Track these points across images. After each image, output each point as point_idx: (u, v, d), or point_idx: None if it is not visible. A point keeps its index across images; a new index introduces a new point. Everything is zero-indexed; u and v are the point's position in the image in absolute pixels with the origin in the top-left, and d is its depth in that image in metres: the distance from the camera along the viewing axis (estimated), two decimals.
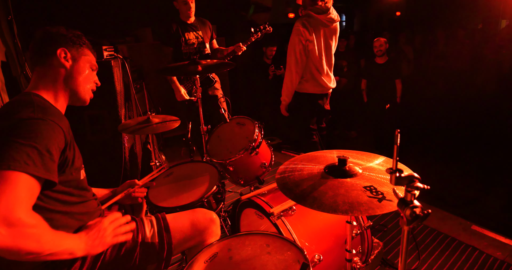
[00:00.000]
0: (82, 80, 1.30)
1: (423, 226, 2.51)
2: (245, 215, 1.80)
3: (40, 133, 1.01)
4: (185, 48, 3.16)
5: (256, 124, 2.19)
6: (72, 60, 1.27)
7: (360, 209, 0.99)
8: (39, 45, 1.25)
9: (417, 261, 2.15)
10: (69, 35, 1.28)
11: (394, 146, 0.87)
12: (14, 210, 0.88)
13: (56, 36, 1.26)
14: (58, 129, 1.07)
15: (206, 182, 1.96)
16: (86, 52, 1.32)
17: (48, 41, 1.25)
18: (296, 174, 1.22)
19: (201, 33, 3.25)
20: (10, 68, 3.03)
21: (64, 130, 1.10)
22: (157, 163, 2.64)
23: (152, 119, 2.24)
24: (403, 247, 0.93)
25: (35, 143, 0.98)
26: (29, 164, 0.95)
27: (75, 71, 1.28)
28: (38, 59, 1.25)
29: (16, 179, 0.92)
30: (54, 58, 1.24)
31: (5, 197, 0.88)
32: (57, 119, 1.09)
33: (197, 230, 1.44)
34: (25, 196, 0.94)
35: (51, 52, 1.23)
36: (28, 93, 1.19)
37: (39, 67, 1.25)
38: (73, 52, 1.27)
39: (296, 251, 1.26)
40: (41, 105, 1.12)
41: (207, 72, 2.24)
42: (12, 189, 0.91)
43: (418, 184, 0.84)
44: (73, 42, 1.28)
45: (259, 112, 4.97)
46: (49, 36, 1.25)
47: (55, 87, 1.25)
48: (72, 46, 1.28)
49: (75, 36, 1.30)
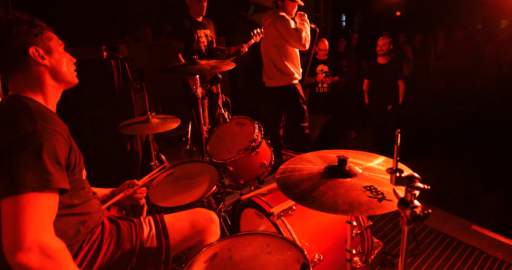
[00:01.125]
0: (65, 68, 1.22)
1: (423, 226, 2.51)
2: (245, 215, 1.80)
3: (47, 146, 1.01)
4: (196, 45, 3.20)
5: (256, 124, 2.19)
6: (46, 54, 1.16)
7: (360, 209, 0.99)
8: (3, 51, 1.11)
9: (417, 261, 2.15)
10: (24, 27, 1.11)
11: (394, 146, 0.87)
12: (43, 235, 0.92)
13: (16, 35, 1.10)
14: (60, 138, 1.07)
15: (206, 182, 1.96)
16: (50, 35, 1.19)
17: (11, 44, 1.10)
18: (296, 174, 1.22)
19: (209, 32, 3.31)
20: None
21: (65, 137, 1.10)
22: (157, 163, 2.63)
23: (152, 119, 2.24)
24: (403, 247, 0.93)
25: (47, 158, 0.99)
26: (50, 180, 0.98)
27: (55, 64, 1.19)
28: (12, 66, 1.13)
29: (40, 200, 0.95)
30: (30, 61, 1.13)
31: (34, 222, 0.91)
32: (57, 127, 1.08)
33: (196, 230, 1.43)
34: (50, 216, 0.98)
35: (23, 56, 1.12)
36: (19, 97, 1.13)
37: (17, 73, 1.14)
38: (42, 45, 1.15)
39: (296, 251, 1.26)
40: (39, 112, 1.08)
41: (207, 72, 2.24)
42: (38, 212, 0.93)
43: (418, 184, 0.84)
44: (35, 33, 1.13)
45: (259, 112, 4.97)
46: (8, 38, 1.10)
47: (43, 88, 1.18)
48: (37, 39, 1.14)
49: (30, 24, 1.13)
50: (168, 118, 2.29)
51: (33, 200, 0.94)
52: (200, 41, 3.24)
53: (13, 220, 0.90)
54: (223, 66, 2.20)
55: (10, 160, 0.95)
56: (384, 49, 3.92)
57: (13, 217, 0.91)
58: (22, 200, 0.92)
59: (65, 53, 1.24)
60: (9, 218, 0.91)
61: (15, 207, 0.92)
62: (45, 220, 0.95)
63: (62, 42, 1.24)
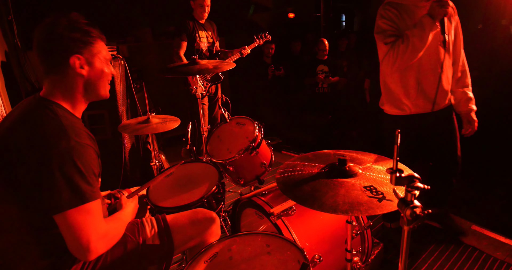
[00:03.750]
0: (101, 82, 1.22)
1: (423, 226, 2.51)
2: (245, 215, 1.80)
3: (85, 160, 1.06)
4: (198, 45, 3.30)
5: (256, 124, 2.19)
6: (87, 65, 1.16)
7: (360, 209, 0.99)
8: (45, 52, 1.12)
9: (417, 261, 2.15)
10: (76, 35, 1.12)
11: (394, 146, 0.87)
12: (101, 229, 1.08)
13: (64, 41, 1.10)
14: (92, 150, 1.12)
15: (206, 182, 1.96)
16: (99, 47, 1.18)
17: (55, 48, 1.11)
18: (296, 174, 1.22)
19: (211, 34, 3.42)
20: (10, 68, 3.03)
21: (95, 148, 1.15)
22: (157, 163, 2.64)
23: (152, 119, 2.24)
24: (403, 247, 0.93)
25: (88, 170, 1.06)
26: (94, 191, 1.07)
27: (93, 76, 1.19)
28: (50, 68, 1.14)
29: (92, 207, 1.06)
30: (68, 68, 1.13)
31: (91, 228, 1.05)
32: (86, 139, 1.12)
33: (197, 230, 1.44)
34: (100, 214, 1.11)
35: (63, 62, 1.12)
36: (47, 103, 1.13)
37: (53, 75, 1.15)
38: (87, 55, 1.15)
39: (296, 251, 1.26)
40: (70, 124, 1.09)
41: (207, 72, 2.24)
42: (94, 217, 1.07)
43: (418, 184, 0.84)
44: (84, 42, 1.14)
45: (259, 112, 4.98)
46: (55, 41, 1.10)
47: (74, 96, 1.18)
48: (83, 48, 1.14)
49: (83, 33, 1.14)
50: (168, 118, 2.29)
51: (86, 211, 1.04)
52: (201, 42, 3.32)
53: (72, 231, 1.02)
54: (224, 66, 2.21)
55: (53, 177, 1.00)
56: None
57: (71, 228, 1.02)
58: (76, 213, 1.02)
59: (107, 67, 1.24)
60: (68, 230, 1.02)
61: (69, 221, 1.02)
62: (100, 219, 1.09)
63: (110, 55, 1.25)
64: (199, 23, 3.34)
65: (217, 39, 3.53)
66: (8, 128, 1.10)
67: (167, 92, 4.53)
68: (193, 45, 3.28)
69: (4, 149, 1.06)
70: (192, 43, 3.27)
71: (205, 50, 3.38)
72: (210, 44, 3.42)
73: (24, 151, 1.03)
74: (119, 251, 1.27)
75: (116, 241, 1.17)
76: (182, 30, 3.23)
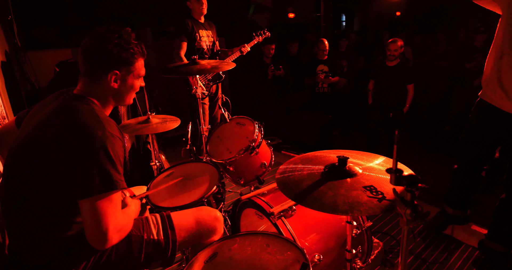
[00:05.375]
0: (129, 94, 1.33)
1: (423, 226, 2.51)
2: (245, 215, 1.80)
3: (116, 150, 1.12)
4: (198, 44, 3.30)
5: (256, 124, 2.19)
6: (121, 80, 1.27)
7: (360, 209, 0.99)
8: (90, 60, 1.22)
9: (417, 261, 2.15)
10: (123, 54, 1.22)
11: (394, 146, 0.87)
12: (119, 221, 1.11)
13: (112, 58, 1.21)
14: (121, 143, 1.18)
15: (206, 182, 1.96)
16: (137, 66, 1.30)
17: (101, 60, 1.21)
18: (296, 174, 1.22)
19: (210, 33, 3.42)
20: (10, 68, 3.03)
21: (124, 142, 1.20)
22: (157, 163, 2.63)
23: (152, 119, 2.24)
24: (403, 247, 0.93)
25: (117, 161, 1.11)
26: (122, 180, 1.12)
27: (122, 90, 1.29)
28: (89, 72, 1.24)
29: (115, 198, 1.11)
30: (104, 79, 1.24)
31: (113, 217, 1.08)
32: (117, 132, 1.18)
33: (201, 227, 1.45)
34: (120, 205, 1.15)
35: (102, 74, 1.23)
36: (84, 99, 1.22)
37: (89, 77, 1.24)
38: (124, 73, 1.26)
39: (296, 251, 1.26)
40: (103, 117, 1.17)
41: (208, 72, 2.24)
42: (116, 207, 1.11)
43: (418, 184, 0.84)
44: (126, 62, 1.25)
45: (259, 112, 4.98)
46: (102, 56, 1.21)
47: (104, 99, 1.28)
48: (124, 66, 1.25)
49: (130, 54, 1.24)
50: (168, 118, 2.29)
51: (110, 199, 1.08)
52: (202, 41, 3.31)
53: (95, 218, 1.05)
54: (224, 66, 2.21)
55: (87, 163, 1.06)
56: (396, 54, 3.75)
57: (95, 214, 1.05)
58: (101, 200, 1.06)
59: (137, 82, 1.34)
60: (91, 216, 1.06)
61: (95, 207, 1.05)
62: (118, 211, 1.12)
63: (144, 72, 1.35)
64: (199, 22, 3.33)
65: (217, 39, 3.53)
66: (44, 119, 1.17)
67: (167, 92, 4.53)
68: (194, 45, 3.27)
69: (42, 137, 1.12)
70: (193, 43, 3.26)
71: (206, 50, 3.37)
72: (211, 43, 3.42)
73: (62, 138, 1.09)
74: (124, 247, 1.28)
75: (126, 234, 1.19)
76: (181, 31, 3.22)
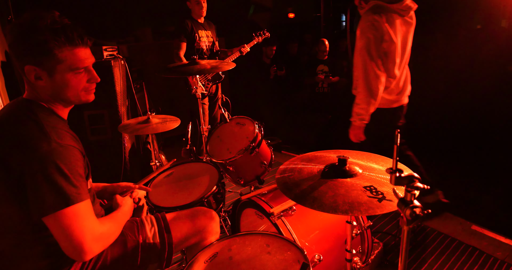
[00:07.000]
0: (68, 90, 1.12)
1: (423, 226, 2.51)
2: (245, 215, 1.80)
3: (69, 161, 1.03)
4: (198, 45, 3.31)
5: (256, 124, 2.19)
6: (47, 76, 1.08)
7: (360, 209, 0.99)
8: (12, 53, 1.05)
9: (417, 261, 2.14)
10: (29, 44, 1.02)
11: (394, 146, 0.87)
12: (95, 230, 1.06)
13: (19, 49, 1.04)
14: (76, 151, 1.08)
15: (206, 182, 1.96)
16: (62, 57, 1.06)
17: (16, 55, 1.05)
18: (296, 174, 1.22)
19: (210, 33, 3.43)
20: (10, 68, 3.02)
21: (79, 148, 1.11)
22: (157, 163, 2.64)
23: (152, 119, 2.24)
24: (403, 247, 0.93)
25: (72, 172, 1.03)
26: (79, 193, 1.03)
27: (55, 85, 1.10)
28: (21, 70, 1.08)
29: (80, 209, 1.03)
30: (28, 77, 1.08)
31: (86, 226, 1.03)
32: (69, 140, 1.08)
33: (197, 228, 1.44)
34: (91, 214, 1.08)
35: (20, 67, 1.06)
36: (29, 104, 1.10)
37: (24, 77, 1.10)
38: (46, 66, 1.05)
39: (296, 251, 1.26)
40: (51, 125, 1.06)
41: (207, 72, 2.24)
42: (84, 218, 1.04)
43: (418, 184, 0.84)
44: (40, 53, 1.03)
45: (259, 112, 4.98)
46: (15, 49, 1.05)
47: (47, 100, 1.14)
48: (41, 57, 1.04)
49: (41, 42, 1.02)
50: (168, 118, 2.29)
51: (73, 213, 1.01)
52: (201, 41, 3.32)
53: (62, 233, 1.00)
54: (224, 66, 2.21)
55: (35, 180, 0.98)
56: None
57: (61, 231, 1.00)
58: (63, 216, 1.00)
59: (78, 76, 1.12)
60: (58, 232, 1.01)
61: (59, 223, 1.00)
62: (91, 220, 1.06)
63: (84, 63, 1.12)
64: (198, 22, 3.34)
65: (216, 39, 3.54)
66: None
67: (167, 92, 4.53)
68: (193, 45, 3.28)
69: None
70: (192, 43, 3.27)
71: (205, 50, 3.38)
72: (210, 43, 3.43)
73: (5, 155, 1.00)
74: (119, 250, 1.27)
75: (112, 240, 1.16)
76: (180, 31, 3.23)
